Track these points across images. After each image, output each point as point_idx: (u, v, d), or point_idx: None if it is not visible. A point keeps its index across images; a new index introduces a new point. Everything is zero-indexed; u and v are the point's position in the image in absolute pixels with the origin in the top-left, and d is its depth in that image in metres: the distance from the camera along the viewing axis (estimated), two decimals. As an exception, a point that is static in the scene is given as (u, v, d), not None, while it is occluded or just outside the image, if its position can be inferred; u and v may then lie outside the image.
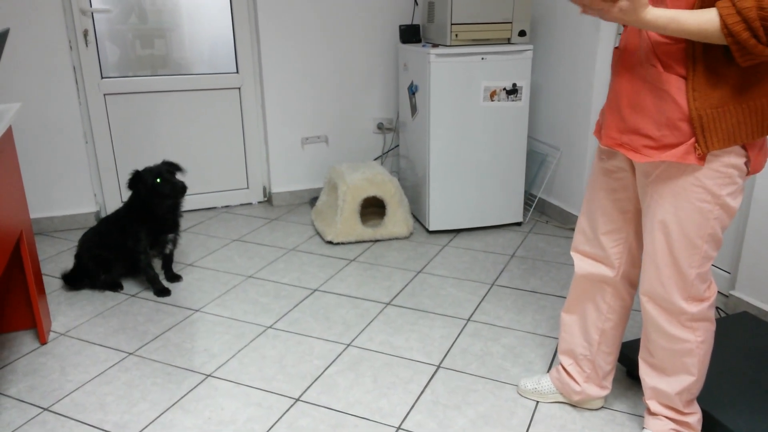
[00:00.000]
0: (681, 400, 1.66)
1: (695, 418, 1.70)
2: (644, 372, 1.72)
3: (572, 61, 3.33)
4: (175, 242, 2.85)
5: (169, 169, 2.71)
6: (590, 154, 3.31)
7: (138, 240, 2.70)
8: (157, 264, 2.88)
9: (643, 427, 1.77)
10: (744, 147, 1.41)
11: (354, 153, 4.07)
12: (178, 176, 2.73)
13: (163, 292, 2.76)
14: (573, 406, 1.96)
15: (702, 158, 1.40)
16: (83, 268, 2.76)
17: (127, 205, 2.75)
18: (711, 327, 1.59)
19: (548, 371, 2.14)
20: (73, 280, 2.80)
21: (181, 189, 2.65)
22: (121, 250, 2.74)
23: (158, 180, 2.63)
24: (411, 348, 2.31)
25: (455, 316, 2.55)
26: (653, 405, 1.72)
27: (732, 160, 1.41)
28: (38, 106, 3.35)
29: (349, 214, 3.26)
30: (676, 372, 1.64)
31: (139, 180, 2.66)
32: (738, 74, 1.34)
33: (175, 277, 2.90)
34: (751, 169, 1.46)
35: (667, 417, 1.70)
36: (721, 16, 1.24)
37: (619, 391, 2.03)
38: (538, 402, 1.99)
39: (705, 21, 1.26)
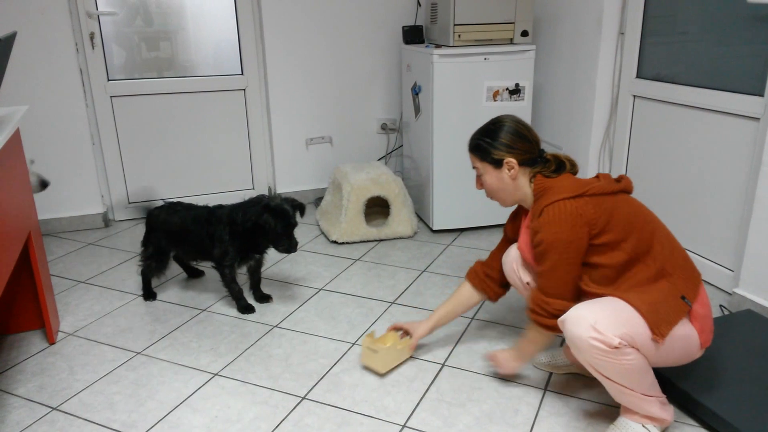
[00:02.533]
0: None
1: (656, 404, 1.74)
2: None
3: (574, 61, 3.34)
4: (260, 262, 2.69)
5: (299, 212, 2.51)
6: (591, 153, 3.32)
7: (226, 253, 2.50)
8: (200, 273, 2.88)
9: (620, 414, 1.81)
10: None
11: (358, 153, 4.09)
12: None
13: (248, 309, 2.59)
14: (577, 401, 1.97)
15: None
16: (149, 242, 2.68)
17: (229, 218, 2.49)
18: None
19: (561, 345, 2.25)
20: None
21: (294, 249, 2.47)
22: (197, 253, 2.63)
23: (288, 224, 2.42)
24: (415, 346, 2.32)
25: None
26: None
27: None
28: (45, 109, 3.38)
29: (354, 214, 3.28)
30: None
31: (267, 210, 2.41)
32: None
33: (264, 297, 2.69)
34: None
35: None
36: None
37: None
38: (541, 399, 2.00)
39: (539, 335, 1.87)
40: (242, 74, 3.81)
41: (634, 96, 3.09)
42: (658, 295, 1.66)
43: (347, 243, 3.34)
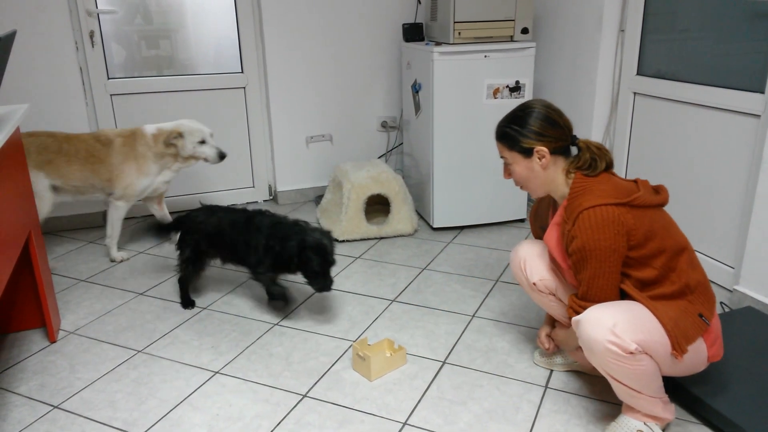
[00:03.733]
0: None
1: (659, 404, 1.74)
2: None
3: (575, 58, 3.34)
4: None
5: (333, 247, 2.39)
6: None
7: (260, 263, 2.42)
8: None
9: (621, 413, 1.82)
10: None
11: (358, 151, 4.08)
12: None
13: (282, 297, 2.55)
14: (578, 398, 1.97)
15: None
16: (184, 244, 2.61)
17: (268, 235, 2.38)
18: None
19: None
20: (161, 234, 2.71)
21: (329, 289, 2.39)
22: (233, 258, 2.56)
23: (326, 262, 2.34)
24: (416, 344, 2.33)
25: (460, 312, 2.56)
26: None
27: None
28: (45, 107, 3.38)
29: (354, 212, 3.28)
30: None
31: (306, 247, 2.30)
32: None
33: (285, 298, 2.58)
34: None
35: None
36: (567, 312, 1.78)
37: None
38: (542, 397, 2.00)
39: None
40: (242, 72, 3.80)
41: (635, 93, 3.09)
42: (679, 311, 1.64)
43: (348, 241, 3.34)
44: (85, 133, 3.04)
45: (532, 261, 1.99)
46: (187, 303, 2.67)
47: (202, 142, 3.01)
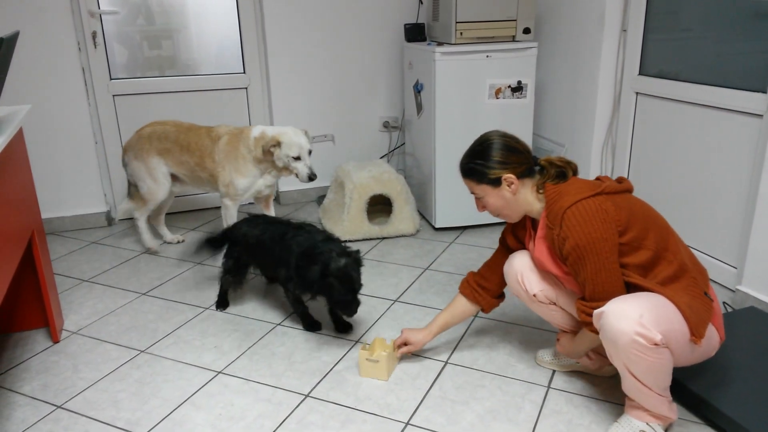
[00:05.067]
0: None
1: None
2: None
3: (577, 58, 3.34)
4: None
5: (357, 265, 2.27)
6: (594, 150, 3.32)
7: (290, 279, 2.35)
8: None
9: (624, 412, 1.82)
10: None
11: (360, 151, 4.08)
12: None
13: (314, 326, 2.45)
14: (581, 398, 1.97)
15: None
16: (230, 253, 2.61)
17: (299, 253, 2.29)
18: None
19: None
20: (215, 246, 2.65)
21: (353, 313, 2.28)
22: (270, 270, 2.58)
23: (352, 290, 2.23)
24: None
25: (462, 312, 2.56)
26: None
27: None
28: (48, 108, 3.38)
29: (356, 212, 3.28)
30: None
31: (327, 274, 2.18)
32: None
33: (346, 327, 2.46)
34: None
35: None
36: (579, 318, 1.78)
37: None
38: (545, 397, 2.00)
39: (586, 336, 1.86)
40: (244, 73, 3.81)
41: (637, 93, 3.09)
42: (688, 294, 1.65)
43: (350, 241, 3.34)
44: (204, 127, 3.06)
45: (529, 273, 1.97)
46: (219, 304, 2.66)
47: (298, 158, 2.86)
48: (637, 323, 1.56)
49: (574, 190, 1.73)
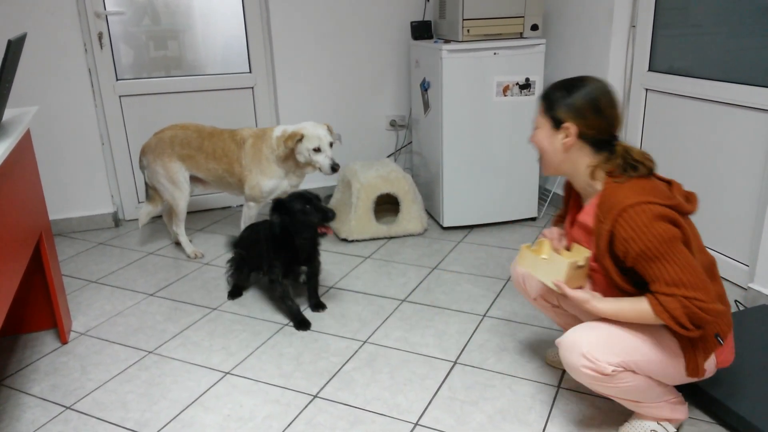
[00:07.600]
0: None
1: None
2: None
3: (585, 54, 3.31)
4: (315, 270, 2.60)
5: (315, 197, 2.43)
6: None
7: (272, 267, 2.49)
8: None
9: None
10: None
11: (367, 150, 4.07)
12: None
13: (303, 324, 2.46)
14: (591, 398, 1.96)
15: None
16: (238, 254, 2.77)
17: (267, 233, 2.52)
18: None
19: None
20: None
21: (332, 214, 2.37)
22: (259, 269, 2.69)
23: (307, 206, 2.37)
24: (427, 344, 2.31)
25: (471, 312, 2.54)
26: None
27: None
28: (55, 109, 3.39)
29: (364, 211, 3.27)
30: None
31: (282, 207, 2.40)
32: None
33: (318, 305, 2.60)
34: None
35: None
36: (654, 312, 1.49)
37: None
38: (555, 397, 1.98)
39: (643, 312, 1.51)
40: (250, 72, 3.80)
41: (647, 89, 3.06)
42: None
43: (357, 241, 3.33)
44: (226, 131, 3.07)
45: (532, 278, 1.95)
46: (230, 294, 2.76)
47: (318, 149, 2.84)
48: (581, 356, 1.54)
49: (639, 187, 1.53)
